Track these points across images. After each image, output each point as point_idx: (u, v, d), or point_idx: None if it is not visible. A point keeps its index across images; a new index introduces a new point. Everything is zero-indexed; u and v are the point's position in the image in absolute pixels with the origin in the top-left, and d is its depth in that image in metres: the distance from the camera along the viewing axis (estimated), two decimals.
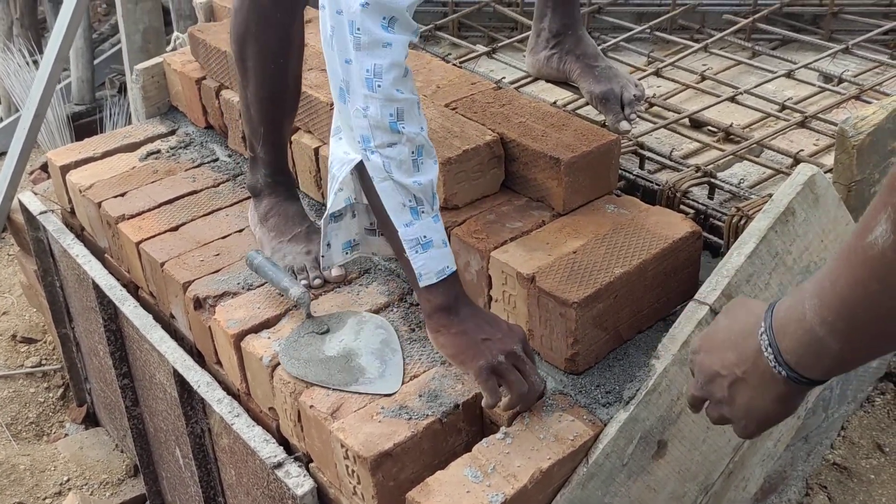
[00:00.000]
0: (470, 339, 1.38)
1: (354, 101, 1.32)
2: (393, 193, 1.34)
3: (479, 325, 1.39)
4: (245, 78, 1.71)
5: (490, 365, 1.36)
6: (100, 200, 2.08)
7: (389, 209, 1.35)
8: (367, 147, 1.33)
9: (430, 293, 1.38)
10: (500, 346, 1.38)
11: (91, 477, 2.42)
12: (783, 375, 0.96)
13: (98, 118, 4.11)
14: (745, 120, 1.99)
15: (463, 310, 1.40)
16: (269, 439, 1.57)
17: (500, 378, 1.37)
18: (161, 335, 1.84)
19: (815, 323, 0.91)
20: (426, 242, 1.36)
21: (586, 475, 1.38)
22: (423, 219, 1.36)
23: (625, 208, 1.65)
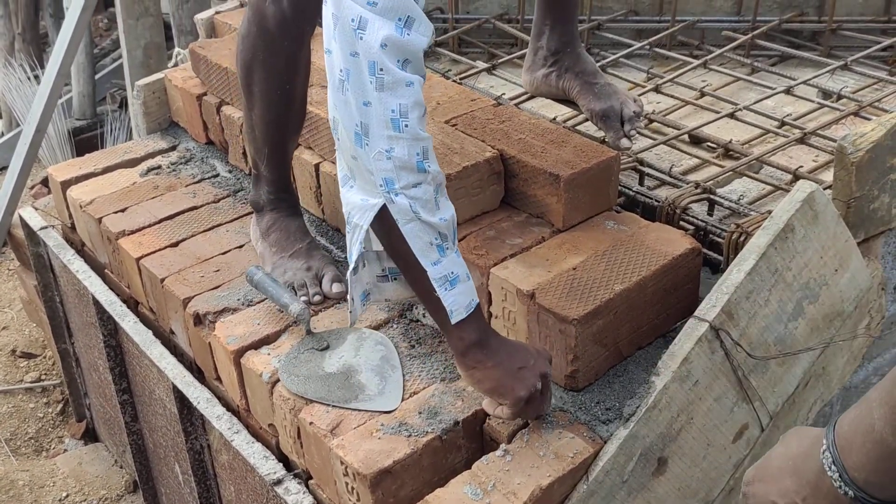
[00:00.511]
0: (506, 370, 1.36)
1: (376, 145, 1.28)
2: (420, 234, 1.31)
3: (511, 355, 1.38)
4: (250, 102, 1.71)
5: (529, 394, 1.36)
6: (100, 216, 2.08)
7: (417, 250, 1.32)
8: (390, 189, 1.29)
9: (461, 330, 1.35)
10: (535, 370, 1.37)
11: (90, 493, 2.41)
12: (850, 497, 0.88)
13: (99, 133, 4.12)
14: (744, 136, 1.99)
15: (493, 342, 1.38)
16: (269, 456, 1.56)
17: (528, 403, 1.37)
18: (161, 351, 1.84)
19: (888, 433, 0.83)
20: (454, 279, 1.34)
21: (586, 492, 1.37)
22: (448, 255, 1.34)
23: (624, 224, 1.65)
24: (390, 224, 1.31)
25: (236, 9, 2.58)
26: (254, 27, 1.64)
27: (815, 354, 1.60)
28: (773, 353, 1.51)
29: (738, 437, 1.54)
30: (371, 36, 1.23)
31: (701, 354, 1.41)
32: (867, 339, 1.71)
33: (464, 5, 2.65)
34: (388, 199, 1.30)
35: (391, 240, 1.35)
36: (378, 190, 1.30)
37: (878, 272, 1.67)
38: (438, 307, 1.34)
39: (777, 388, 1.56)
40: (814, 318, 1.56)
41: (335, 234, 1.93)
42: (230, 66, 2.13)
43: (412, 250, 1.32)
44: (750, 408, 1.53)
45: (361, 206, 1.34)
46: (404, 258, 1.35)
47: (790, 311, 1.52)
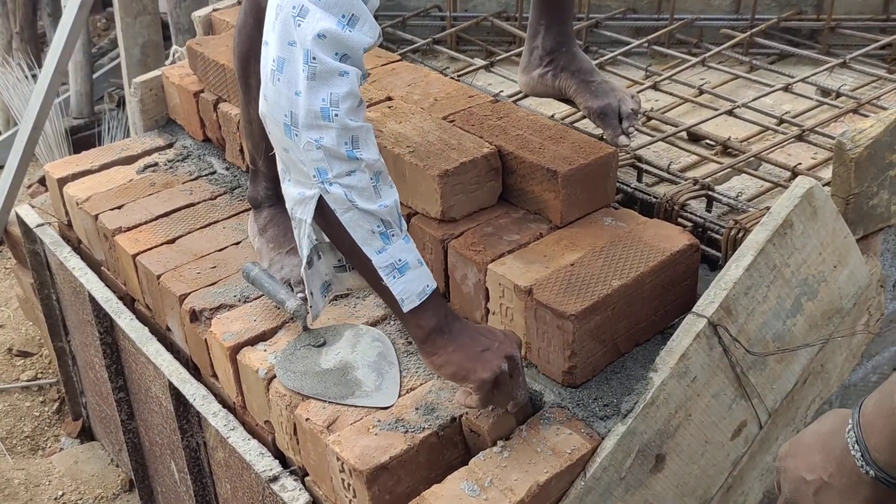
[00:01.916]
0: (468, 353, 1.34)
1: (305, 135, 1.26)
2: (360, 222, 1.30)
3: (474, 338, 1.36)
4: (248, 95, 1.70)
5: (494, 375, 1.32)
6: (97, 213, 2.07)
7: (359, 239, 1.30)
8: (324, 180, 1.28)
9: (417, 318, 1.34)
10: (500, 352, 1.34)
11: (86, 492, 2.40)
12: (871, 476, 0.89)
13: (96, 132, 4.11)
14: (742, 133, 1.99)
15: (455, 325, 1.36)
16: (265, 453, 1.56)
17: (494, 386, 1.34)
18: (157, 348, 1.83)
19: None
20: (402, 266, 1.32)
21: (584, 489, 1.37)
22: (394, 242, 1.32)
23: (622, 221, 1.64)
24: (330, 215, 1.30)
25: (233, 6, 2.57)
26: (250, 18, 1.63)
27: (814, 351, 1.60)
28: (771, 349, 1.50)
29: (736, 434, 1.53)
30: (309, 26, 1.22)
31: (699, 351, 1.41)
32: (866, 337, 1.71)
33: (462, 3, 2.65)
34: (322, 190, 1.28)
35: (333, 231, 1.33)
36: (312, 181, 1.29)
37: (877, 269, 1.67)
38: (389, 296, 1.32)
39: (776, 385, 1.55)
40: (812, 315, 1.56)
41: None
42: (227, 62, 2.12)
43: (354, 240, 1.30)
44: (748, 405, 1.52)
45: (300, 199, 1.33)
46: (349, 248, 1.33)
47: (788, 307, 1.51)
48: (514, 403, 1.38)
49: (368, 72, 1.50)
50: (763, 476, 1.69)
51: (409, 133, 1.76)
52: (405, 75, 2.08)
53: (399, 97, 1.95)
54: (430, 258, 1.66)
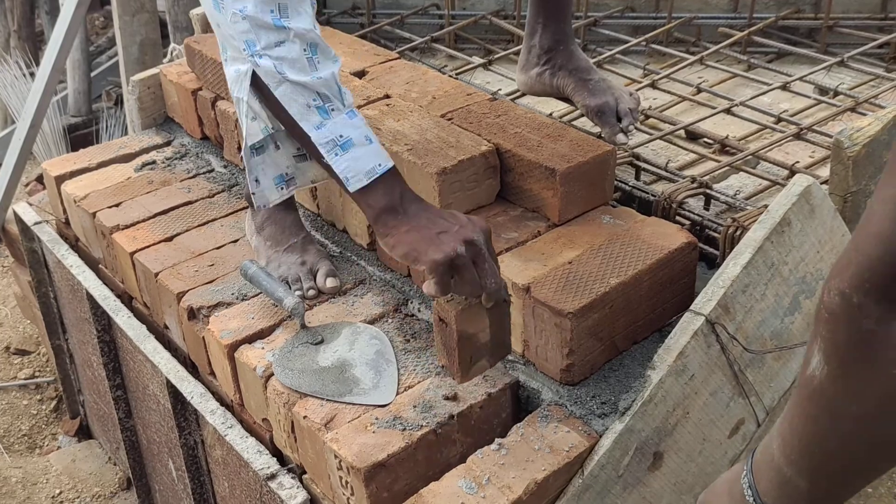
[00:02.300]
0: (423, 235, 1.25)
1: (230, 5, 1.22)
2: (293, 96, 1.23)
3: (432, 220, 1.27)
4: None
5: (448, 258, 1.22)
6: (94, 211, 2.07)
7: (295, 114, 1.23)
8: (253, 53, 1.22)
9: (367, 197, 1.26)
10: (458, 236, 1.24)
11: (83, 490, 2.40)
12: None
13: (94, 130, 4.11)
14: (740, 132, 1.99)
15: (411, 206, 1.28)
16: (263, 451, 1.56)
17: (456, 272, 1.24)
18: (154, 346, 1.83)
19: (783, 463, 0.88)
20: (344, 142, 1.25)
21: (581, 487, 1.37)
22: (334, 117, 1.25)
23: (620, 219, 1.64)
24: (264, 90, 1.26)
25: None
26: None
27: None
28: (769, 347, 1.50)
29: (734, 432, 1.53)
30: None
31: (697, 348, 1.41)
32: None
33: (460, 1, 2.65)
34: (253, 64, 1.24)
35: (272, 108, 1.29)
36: (244, 55, 1.25)
37: None
38: (334, 173, 1.27)
39: (773, 383, 1.55)
40: (810, 313, 1.56)
41: (330, 228, 1.92)
42: None
43: (291, 116, 1.25)
44: (746, 402, 1.52)
45: (235, 76, 1.29)
46: (290, 126, 1.28)
47: (786, 305, 1.51)
48: (487, 295, 1.27)
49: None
50: None
51: (407, 131, 1.76)
52: (403, 73, 2.08)
53: (397, 95, 1.95)
54: None
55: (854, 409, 0.77)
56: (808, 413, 0.82)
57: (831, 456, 0.83)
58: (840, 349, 0.76)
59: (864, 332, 0.74)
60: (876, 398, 0.75)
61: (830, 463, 0.84)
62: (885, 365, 0.73)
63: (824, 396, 0.79)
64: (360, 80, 2.03)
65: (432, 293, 1.25)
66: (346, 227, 1.88)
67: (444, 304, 1.30)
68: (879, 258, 0.71)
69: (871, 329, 0.73)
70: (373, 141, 1.28)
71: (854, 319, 0.74)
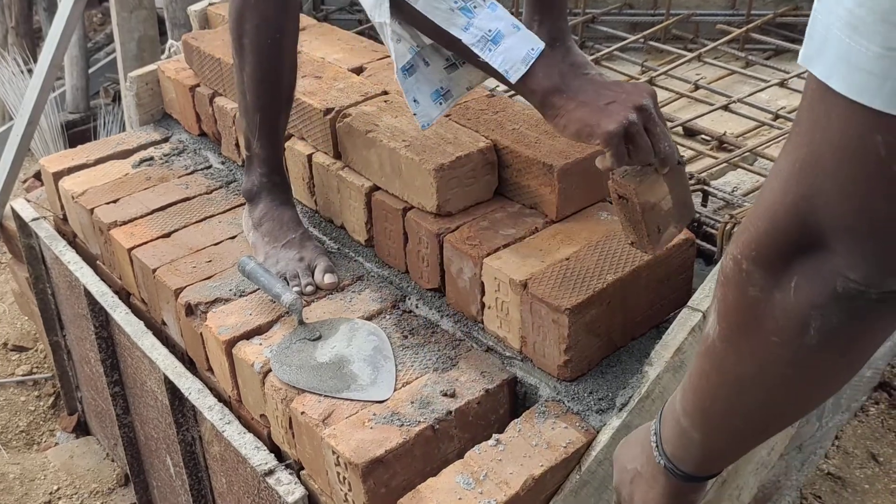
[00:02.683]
0: (592, 108, 1.25)
1: None
2: (435, 3, 1.25)
3: (598, 92, 1.27)
4: (242, 58, 1.70)
5: (622, 126, 1.22)
6: (92, 207, 2.07)
7: (441, 22, 1.25)
8: None
9: (528, 83, 1.27)
10: (628, 103, 1.24)
11: (81, 486, 2.40)
12: (662, 466, 0.95)
13: (92, 126, 4.10)
14: (738, 129, 1.99)
15: (574, 83, 1.28)
16: (261, 446, 1.56)
17: (630, 141, 1.24)
18: (152, 342, 1.83)
19: (681, 414, 0.91)
20: (494, 35, 1.26)
21: (579, 482, 1.37)
22: (478, 14, 1.27)
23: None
24: (405, 7, 1.27)
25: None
26: None
27: None
28: None
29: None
30: None
31: (694, 344, 1.41)
32: None
33: None
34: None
35: (417, 23, 1.30)
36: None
37: None
38: (493, 70, 1.28)
39: None
40: None
41: (328, 225, 1.92)
42: (223, 56, 2.12)
43: (437, 24, 1.26)
44: None
45: (374, 2, 1.30)
46: (438, 36, 1.29)
47: None
48: (661, 161, 1.27)
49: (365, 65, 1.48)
50: (758, 470, 1.70)
51: (405, 127, 1.76)
52: None
53: (395, 91, 1.95)
54: (425, 252, 1.66)
55: (739, 369, 0.80)
56: (702, 369, 0.85)
57: (719, 413, 0.86)
58: (730, 312, 0.79)
59: (749, 298, 0.75)
60: (757, 362, 0.78)
61: (719, 419, 0.87)
62: (765, 332, 0.75)
63: (715, 355, 0.82)
64: (358, 77, 2.03)
65: (608, 166, 1.25)
66: (343, 223, 1.88)
67: (619, 179, 1.27)
68: (765, 230, 0.72)
69: (755, 296, 0.75)
70: (520, 27, 1.28)
71: (742, 285, 0.76)
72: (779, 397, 0.80)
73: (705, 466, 0.94)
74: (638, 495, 1.01)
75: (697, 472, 0.94)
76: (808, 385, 0.79)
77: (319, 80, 1.98)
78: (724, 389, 0.83)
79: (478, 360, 1.54)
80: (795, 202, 0.69)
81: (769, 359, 0.77)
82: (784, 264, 0.72)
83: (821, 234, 0.68)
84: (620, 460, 1.06)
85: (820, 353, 0.74)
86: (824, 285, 0.70)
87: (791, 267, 0.71)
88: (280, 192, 1.82)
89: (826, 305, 0.70)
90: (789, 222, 0.70)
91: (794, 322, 0.73)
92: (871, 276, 0.68)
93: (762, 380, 0.79)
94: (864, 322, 0.72)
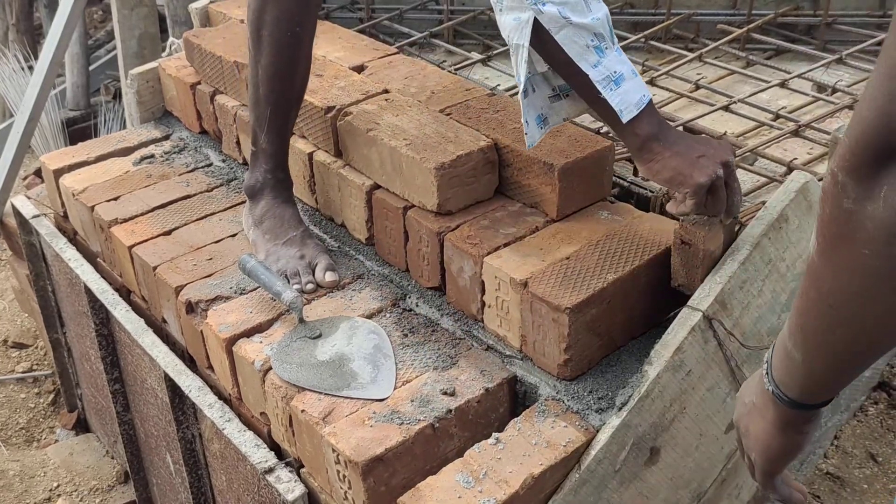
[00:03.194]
0: (685, 158, 1.38)
1: None
2: (575, 38, 1.34)
3: (690, 146, 1.39)
4: (258, 50, 1.71)
5: (710, 180, 1.35)
6: (93, 204, 2.07)
7: (574, 55, 1.34)
8: (536, 1, 1.33)
9: (634, 127, 1.38)
10: (716, 158, 1.37)
11: (81, 483, 2.40)
12: (771, 392, 0.97)
13: (93, 124, 4.10)
14: (739, 129, 1.99)
15: (670, 134, 1.40)
16: (260, 444, 1.56)
17: (711, 193, 1.37)
18: (152, 339, 1.83)
19: (786, 336, 0.93)
20: (617, 77, 1.36)
21: (578, 481, 1.37)
22: (608, 55, 1.36)
23: (618, 215, 1.65)
24: (545, 35, 1.35)
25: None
26: None
27: None
28: (766, 343, 1.51)
29: (730, 427, 1.54)
30: None
31: (694, 344, 1.41)
32: None
33: None
34: (536, 11, 1.34)
35: (549, 51, 1.38)
36: (525, 4, 1.34)
37: None
38: (607, 109, 1.37)
39: None
40: None
41: (328, 223, 1.93)
42: (224, 54, 2.12)
43: (570, 57, 1.34)
44: None
45: (515, 25, 1.38)
46: (565, 67, 1.38)
47: (784, 301, 1.51)
48: (728, 213, 1.41)
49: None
50: None
51: (405, 126, 1.76)
52: (402, 68, 2.08)
53: (396, 90, 1.95)
54: (426, 251, 1.66)
55: (833, 283, 0.82)
56: (803, 288, 0.88)
57: (818, 330, 0.87)
58: (826, 226, 0.81)
59: (843, 210, 0.77)
60: (849, 274, 0.80)
61: (818, 337, 0.88)
62: (858, 244, 0.77)
63: (813, 271, 0.85)
64: (359, 75, 2.03)
65: (685, 212, 1.39)
66: (344, 221, 1.88)
67: (689, 226, 1.42)
68: (856, 140, 0.75)
69: (849, 208, 0.77)
70: (636, 74, 1.40)
71: (837, 198, 0.78)
72: (870, 312, 0.81)
73: (809, 392, 0.95)
74: (752, 427, 1.03)
75: (802, 398, 0.95)
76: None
77: (320, 79, 1.99)
78: (820, 305, 0.85)
79: (478, 358, 1.54)
80: (882, 111, 0.71)
81: (861, 271, 0.78)
82: (874, 174, 0.74)
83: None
84: (741, 396, 1.08)
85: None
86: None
87: (881, 176, 0.73)
88: (282, 190, 1.82)
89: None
90: (877, 131, 0.72)
91: (884, 232, 0.75)
92: None
93: (855, 293, 0.80)
94: None
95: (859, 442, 2.12)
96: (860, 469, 2.07)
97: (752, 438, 1.03)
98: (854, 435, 2.12)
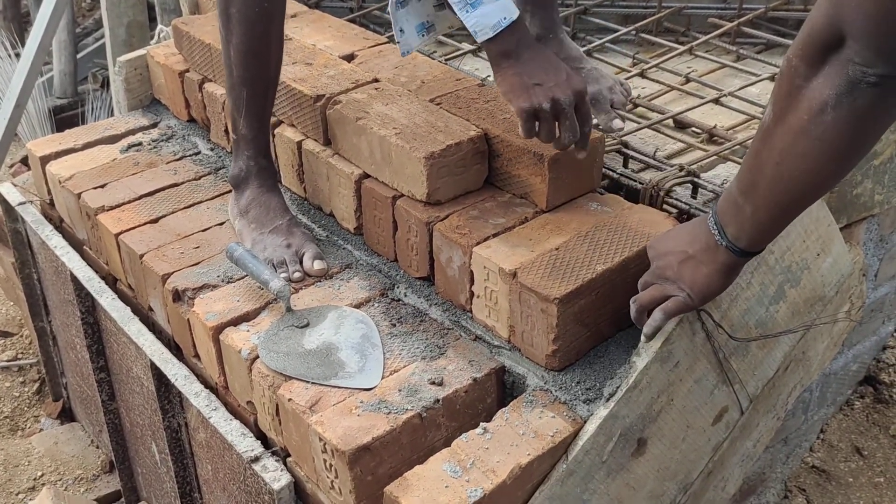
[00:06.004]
0: (522, 81, 1.46)
1: None
2: None
3: (535, 71, 1.46)
4: (229, 30, 1.68)
5: (532, 108, 1.45)
6: (79, 191, 2.05)
7: None
8: None
9: (489, 44, 1.47)
10: (548, 92, 1.45)
11: (65, 472, 2.39)
12: (723, 245, 1.22)
13: (80, 112, 4.07)
14: (728, 122, 1.99)
15: (525, 54, 1.47)
16: (247, 433, 1.55)
17: (538, 122, 1.46)
18: (139, 328, 1.82)
19: (736, 193, 1.18)
20: (474, 1, 1.44)
21: (565, 472, 1.37)
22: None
23: (608, 206, 1.65)
24: None
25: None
26: None
27: (796, 338, 1.61)
28: (753, 335, 1.51)
29: (717, 419, 1.54)
30: None
31: (682, 335, 1.41)
32: (848, 325, 1.72)
33: None
34: None
35: None
36: None
37: (860, 258, 1.68)
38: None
39: (757, 372, 1.56)
40: (795, 302, 1.56)
41: (317, 212, 1.92)
42: (213, 42, 2.11)
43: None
44: (730, 390, 1.53)
45: None
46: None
47: (772, 294, 1.52)
48: (561, 144, 1.51)
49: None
50: (743, 462, 1.70)
51: (395, 115, 1.75)
52: (392, 58, 2.07)
53: (386, 79, 1.94)
54: (415, 241, 1.66)
55: (781, 142, 1.08)
56: (755, 149, 1.13)
57: (767, 181, 1.12)
58: (780, 99, 1.07)
59: (794, 87, 1.05)
60: (794, 136, 1.06)
61: (766, 188, 1.12)
62: (800, 111, 1.04)
63: (767, 134, 1.10)
64: (349, 64, 2.02)
65: (520, 132, 1.50)
66: (332, 210, 1.87)
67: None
68: (808, 33, 1.02)
69: (798, 84, 1.04)
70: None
71: (791, 76, 1.05)
72: (808, 167, 1.07)
73: (754, 241, 1.21)
74: (688, 273, 1.28)
75: (749, 247, 1.21)
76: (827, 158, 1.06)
77: (310, 67, 1.97)
78: (769, 161, 1.09)
79: (466, 348, 1.54)
80: (828, 11, 0.98)
81: (802, 133, 1.05)
82: (820, 59, 1.01)
83: (844, 34, 0.98)
84: (663, 248, 1.34)
85: (835, 127, 1.02)
86: (841, 72, 0.99)
87: (825, 61, 1.01)
88: (267, 177, 1.81)
89: (839, 86, 1.00)
90: (824, 27, 0.99)
91: (818, 102, 1.02)
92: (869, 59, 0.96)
93: (796, 150, 1.06)
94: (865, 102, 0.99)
95: (845, 436, 2.12)
96: (846, 463, 2.08)
97: (690, 281, 1.28)
98: (840, 429, 2.13)
